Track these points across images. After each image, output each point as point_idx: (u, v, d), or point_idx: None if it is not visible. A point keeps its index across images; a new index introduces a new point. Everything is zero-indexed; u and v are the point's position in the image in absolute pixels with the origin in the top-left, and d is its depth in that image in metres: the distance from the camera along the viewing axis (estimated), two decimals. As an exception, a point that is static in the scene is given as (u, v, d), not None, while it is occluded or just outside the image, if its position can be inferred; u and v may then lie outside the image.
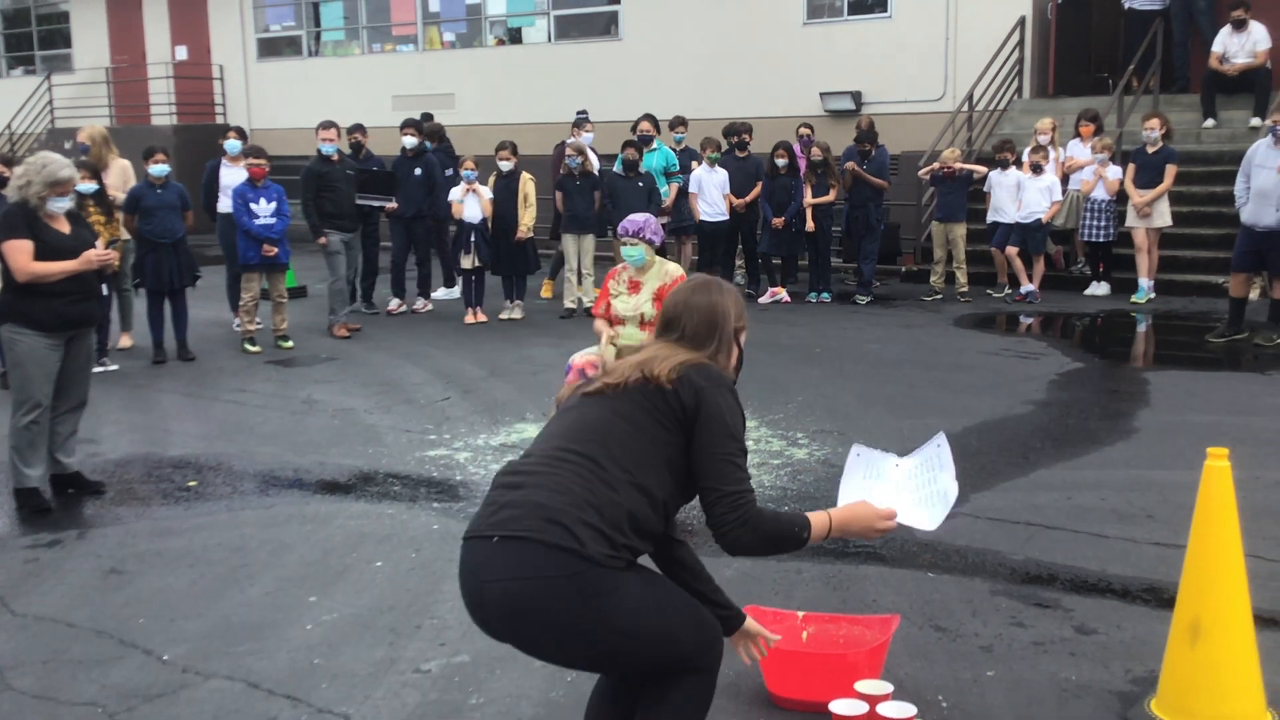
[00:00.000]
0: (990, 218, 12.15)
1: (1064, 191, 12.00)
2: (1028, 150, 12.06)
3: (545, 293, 12.62)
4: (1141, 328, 10.58)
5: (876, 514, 3.03)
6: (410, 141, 11.93)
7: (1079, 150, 12.19)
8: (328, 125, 10.91)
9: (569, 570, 2.63)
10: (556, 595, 2.63)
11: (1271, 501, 5.64)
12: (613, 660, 2.81)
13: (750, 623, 3.21)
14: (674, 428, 2.84)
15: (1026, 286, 11.84)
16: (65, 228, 6.01)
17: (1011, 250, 11.88)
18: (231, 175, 10.63)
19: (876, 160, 12.03)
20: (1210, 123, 13.34)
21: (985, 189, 12.23)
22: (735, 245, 12.82)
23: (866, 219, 12.12)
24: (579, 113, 13.48)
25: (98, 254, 6.00)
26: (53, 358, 5.94)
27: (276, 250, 9.91)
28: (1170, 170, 11.32)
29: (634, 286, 6.86)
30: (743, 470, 2.86)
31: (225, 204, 10.62)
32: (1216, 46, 13.23)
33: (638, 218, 6.78)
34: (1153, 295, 11.50)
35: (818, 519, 2.94)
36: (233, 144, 10.86)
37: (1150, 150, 11.41)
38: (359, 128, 12.38)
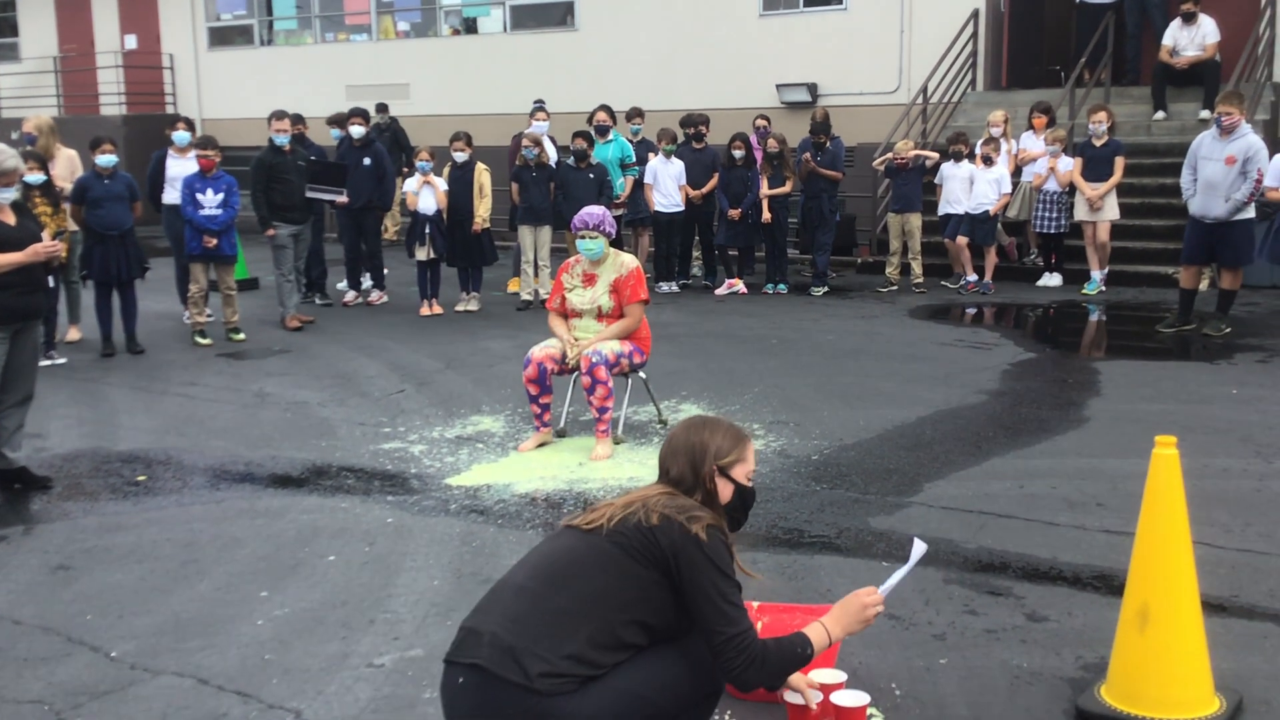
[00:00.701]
0: (942, 209, 12.23)
1: (1017, 184, 12.11)
2: (980, 142, 12.15)
3: (512, 287, 12.53)
4: (1093, 318, 10.69)
5: (861, 601, 3.18)
6: (358, 131, 11.81)
7: (1032, 142, 12.30)
8: (280, 116, 10.79)
9: (520, 706, 2.79)
10: None
11: (1219, 489, 5.72)
12: None
13: (794, 676, 3.33)
14: (651, 567, 2.92)
15: (971, 276, 11.94)
16: (11, 219, 5.91)
17: (961, 241, 11.97)
18: (179, 166, 10.48)
19: (831, 152, 12.07)
20: (1160, 115, 13.49)
21: (937, 181, 12.30)
22: (692, 237, 12.83)
23: (821, 210, 12.16)
24: (536, 102, 13.42)
25: (44, 246, 5.90)
26: (-1, 351, 5.84)
27: (216, 241, 9.77)
28: (1119, 163, 11.45)
29: (589, 279, 6.85)
30: (739, 608, 2.97)
31: (171, 195, 10.47)
32: (1166, 39, 13.38)
33: (595, 211, 6.76)
34: (1104, 288, 11.62)
35: (815, 632, 3.10)
36: (181, 135, 10.69)
37: (1097, 143, 11.52)
38: (298, 118, 12.25)
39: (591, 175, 11.58)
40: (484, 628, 2.90)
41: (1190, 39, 13.25)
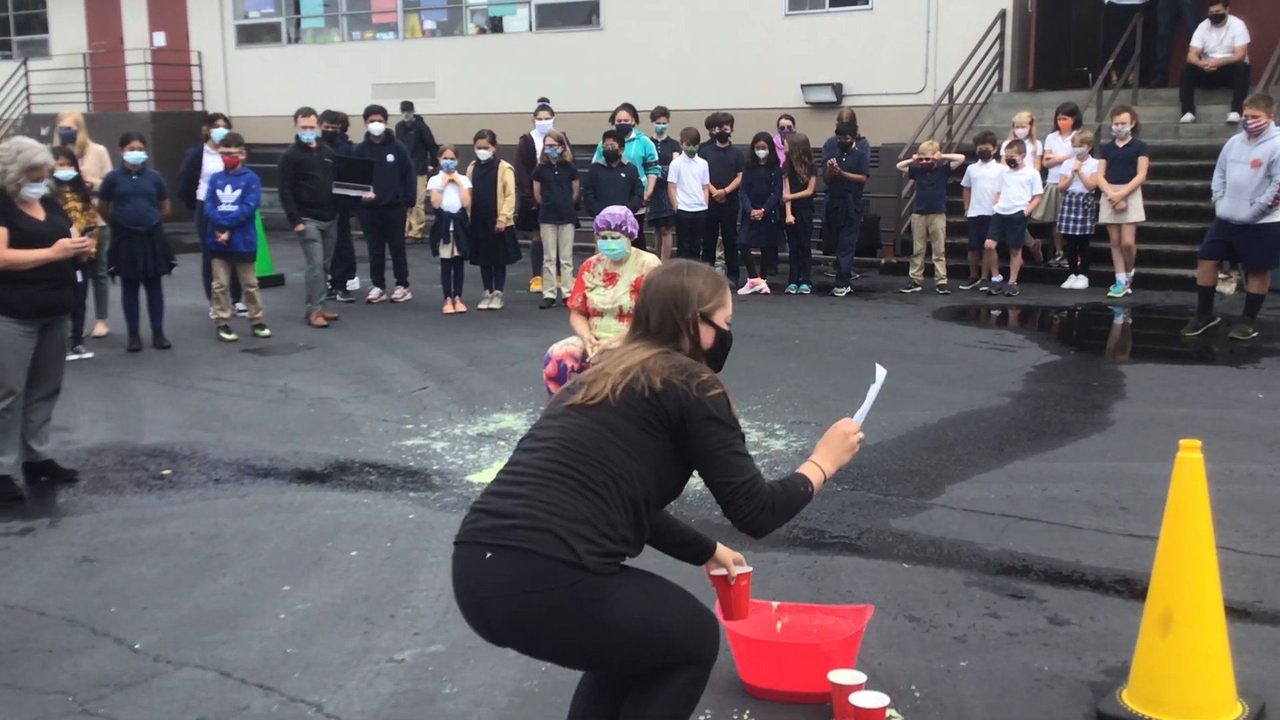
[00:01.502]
0: (972, 211, 12.18)
1: (1043, 185, 12.05)
2: (1005, 144, 12.09)
3: (535, 285, 12.55)
4: (1118, 321, 10.63)
5: (842, 431, 3.23)
6: (377, 128, 11.81)
7: (1057, 144, 12.24)
8: (307, 112, 10.84)
9: (567, 581, 2.70)
10: (556, 606, 2.70)
11: (1244, 494, 5.68)
12: (611, 660, 2.87)
13: (720, 550, 3.30)
14: (661, 433, 2.87)
15: (997, 278, 11.89)
16: (40, 214, 5.96)
17: (990, 243, 11.91)
18: (215, 163, 10.56)
19: (857, 153, 12.03)
20: (1188, 117, 13.40)
21: (964, 183, 12.26)
22: (715, 236, 12.82)
23: (846, 210, 12.12)
24: (540, 100, 13.35)
25: (73, 242, 5.95)
26: (27, 345, 5.88)
27: (228, 236, 9.81)
28: (1143, 163, 11.36)
29: (610, 279, 6.85)
30: (746, 456, 2.93)
31: (205, 191, 10.55)
32: (1195, 41, 13.28)
33: (617, 211, 6.76)
34: (1129, 290, 11.55)
35: (810, 471, 3.11)
36: (220, 132, 10.77)
37: (1120, 144, 11.45)
38: (335, 116, 12.32)
39: (623, 175, 11.58)
40: (513, 510, 2.78)
41: (1219, 41, 13.15)
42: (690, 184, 12.30)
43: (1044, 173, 12.13)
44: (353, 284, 12.41)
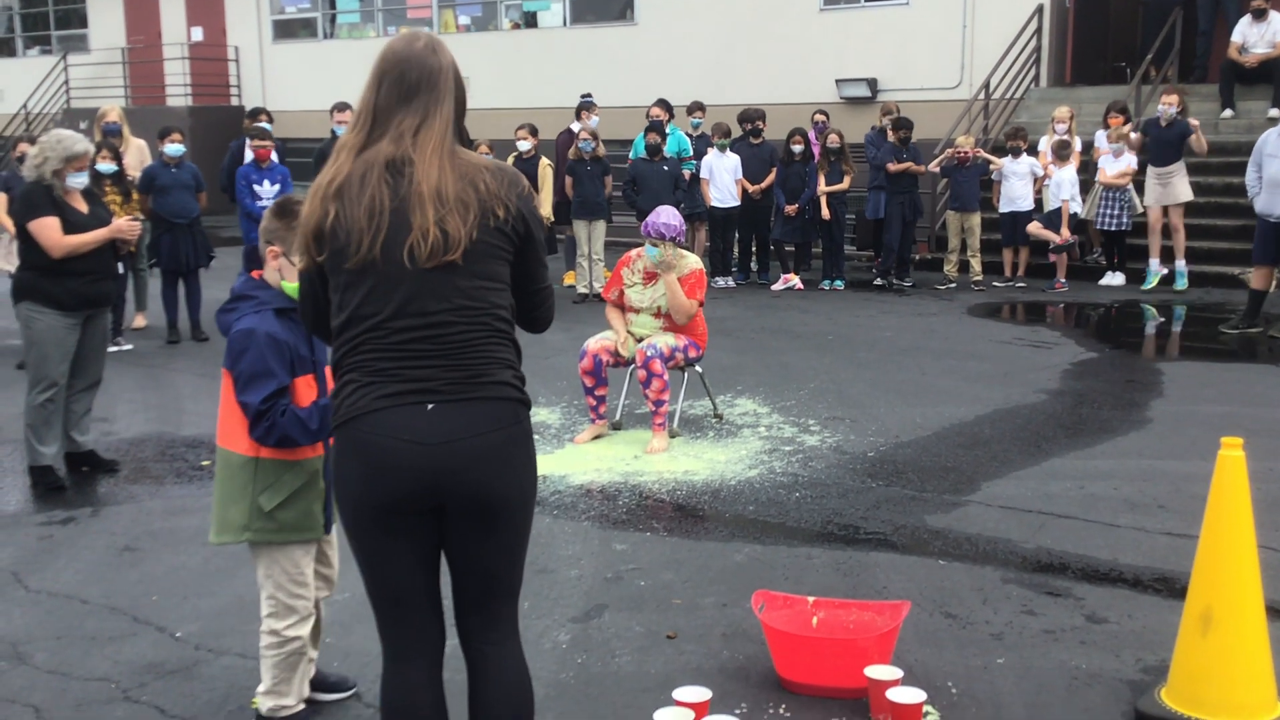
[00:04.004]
0: (1004, 207, 12.12)
1: (1084, 181, 11.96)
2: (1050, 143, 11.97)
3: (568, 280, 12.57)
4: (1157, 318, 10.53)
5: None
6: None
7: (1105, 141, 12.13)
8: (343, 107, 10.92)
9: (519, 417, 2.67)
10: (519, 443, 2.67)
11: (1285, 493, 5.62)
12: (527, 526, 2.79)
13: None
14: (513, 256, 2.73)
15: (1061, 278, 11.84)
16: (83, 206, 6.03)
17: (1033, 226, 11.81)
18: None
19: (915, 148, 12.03)
20: (1228, 113, 13.26)
21: (995, 178, 12.21)
22: (750, 232, 12.80)
23: (914, 204, 12.16)
24: (583, 96, 13.38)
25: (127, 224, 6.06)
26: (70, 337, 5.96)
27: None
28: (1197, 131, 11.25)
29: (650, 277, 6.85)
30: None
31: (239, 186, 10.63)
32: (1236, 36, 13.14)
33: (673, 222, 6.67)
34: (1172, 275, 11.37)
35: None
36: (262, 126, 10.87)
37: (1164, 124, 11.31)
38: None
39: (665, 168, 11.58)
40: (427, 380, 2.59)
41: (1260, 36, 13.00)
42: (723, 179, 12.29)
43: (1084, 168, 12.04)
44: None
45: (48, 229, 5.80)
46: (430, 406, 2.58)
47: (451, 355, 2.61)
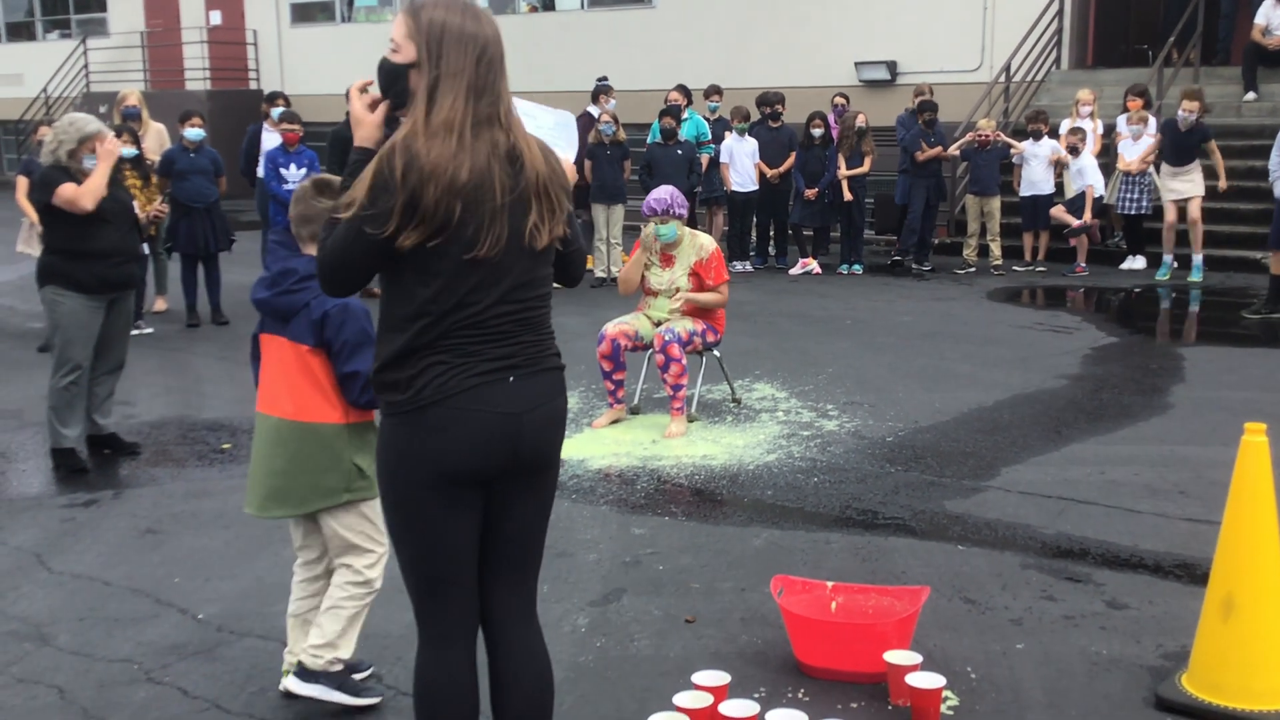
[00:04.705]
0: (1024, 191, 12.06)
1: (1104, 165, 11.88)
2: (1066, 131, 11.89)
3: (587, 264, 12.57)
4: (1177, 303, 10.47)
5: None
6: None
7: (1125, 125, 12.03)
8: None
9: (564, 384, 2.85)
10: (565, 408, 2.85)
11: (1307, 479, 5.59)
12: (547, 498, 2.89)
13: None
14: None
15: (1081, 262, 11.82)
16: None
17: (1057, 210, 11.76)
18: (272, 139, 10.67)
19: (940, 131, 11.99)
20: (1251, 96, 13.15)
21: (1016, 161, 12.14)
22: (767, 216, 12.76)
23: (940, 187, 12.16)
24: (600, 80, 13.31)
25: (156, 205, 6.07)
26: (94, 320, 5.99)
27: None
28: (1213, 146, 11.16)
29: (667, 260, 6.85)
30: None
31: (264, 168, 10.66)
32: (1259, 19, 13.02)
33: (662, 195, 6.73)
34: (1188, 267, 11.33)
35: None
36: (279, 110, 10.90)
37: (1182, 129, 11.22)
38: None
39: (680, 152, 11.56)
40: (510, 357, 2.67)
41: (1284, 18, 12.88)
42: (742, 163, 12.25)
43: (1104, 151, 11.96)
44: None
45: (66, 190, 5.77)
46: (511, 379, 2.69)
47: (529, 332, 2.74)
